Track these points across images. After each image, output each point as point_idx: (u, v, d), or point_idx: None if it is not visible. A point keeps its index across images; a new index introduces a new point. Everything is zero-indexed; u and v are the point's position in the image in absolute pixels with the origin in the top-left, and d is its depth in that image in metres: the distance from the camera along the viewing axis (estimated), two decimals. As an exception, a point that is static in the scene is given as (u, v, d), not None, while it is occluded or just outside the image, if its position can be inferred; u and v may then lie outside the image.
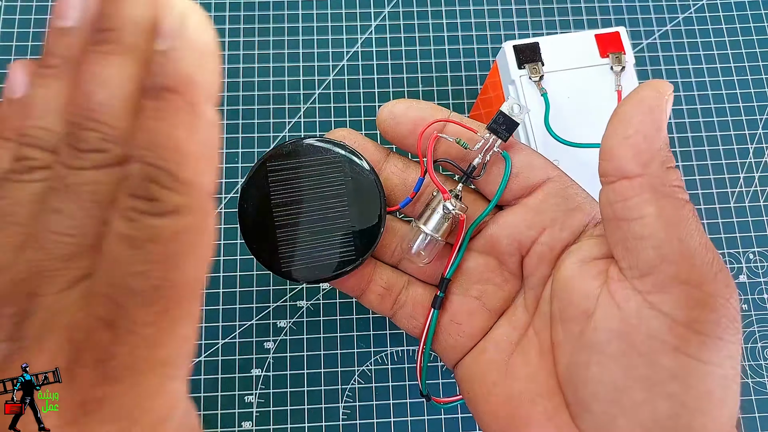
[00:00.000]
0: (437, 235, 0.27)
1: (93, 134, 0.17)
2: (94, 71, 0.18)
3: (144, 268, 0.17)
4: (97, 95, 0.17)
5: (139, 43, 0.18)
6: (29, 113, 0.19)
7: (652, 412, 0.22)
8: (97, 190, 0.17)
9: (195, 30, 0.17)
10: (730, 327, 0.21)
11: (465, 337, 0.28)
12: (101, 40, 0.18)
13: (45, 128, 0.18)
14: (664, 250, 0.22)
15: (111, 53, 0.18)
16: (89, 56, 0.18)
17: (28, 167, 0.18)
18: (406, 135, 0.28)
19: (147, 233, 0.17)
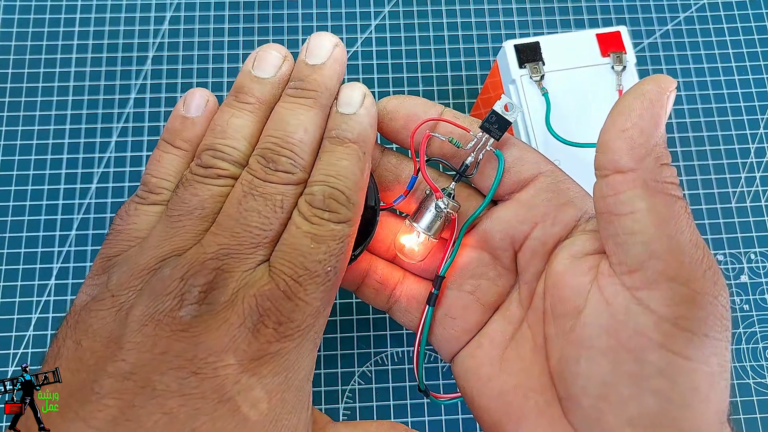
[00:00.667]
0: (430, 233, 0.27)
1: (286, 160, 0.24)
2: (292, 114, 0.25)
3: (324, 258, 0.23)
4: (295, 133, 0.25)
5: (328, 104, 0.26)
6: (221, 134, 0.25)
7: (639, 408, 0.22)
8: (283, 199, 0.24)
9: (370, 104, 0.26)
10: (717, 324, 0.21)
11: (460, 331, 0.28)
12: (301, 95, 0.26)
13: (235, 148, 0.25)
14: (652, 246, 0.22)
15: (308, 106, 0.25)
16: (288, 103, 0.26)
17: (216, 174, 0.24)
18: (398, 130, 0.28)
19: (328, 233, 0.23)
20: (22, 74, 0.47)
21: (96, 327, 0.22)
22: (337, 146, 0.25)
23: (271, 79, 0.26)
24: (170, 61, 0.47)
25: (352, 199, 0.24)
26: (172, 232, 0.24)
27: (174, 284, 0.22)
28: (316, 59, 0.26)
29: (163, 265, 0.23)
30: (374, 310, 0.43)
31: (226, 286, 0.22)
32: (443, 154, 0.28)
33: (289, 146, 0.24)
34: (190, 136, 0.26)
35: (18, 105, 0.46)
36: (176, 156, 0.26)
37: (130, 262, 0.23)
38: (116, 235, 0.25)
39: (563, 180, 0.27)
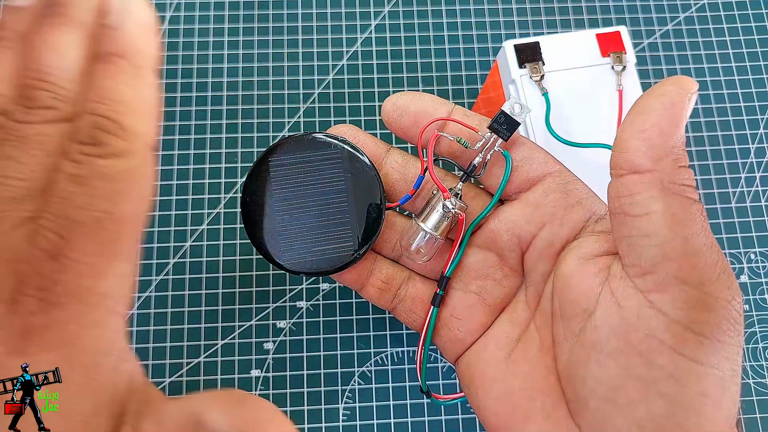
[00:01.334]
0: (436, 234, 0.27)
1: (44, 93, 0.20)
2: (44, 39, 0.21)
3: (88, 201, 0.19)
4: (48, 59, 0.20)
5: (86, 18, 0.21)
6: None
7: (648, 411, 0.22)
8: (46, 141, 0.20)
9: (138, 9, 0.22)
10: (730, 329, 0.21)
11: (465, 332, 0.28)
12: (52, 14, 0.21)
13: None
14: (667, 248, 0.21)
15: (61, 24, 0.21)
16: (40, 28, 0.21)
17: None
18: (408, 127, 0.28)
19: (93, 172, 0.19)
20: (21, 74, 0.47)
21: None
22: (99, 65, 0.21)
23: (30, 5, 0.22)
24: (170, 61, 0.47)
25: (125, 124, 0.20)
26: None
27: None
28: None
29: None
30: (374, 310, 0.43)
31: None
32: (450, 153, 0.28)
33: (45, 76, 0.20)
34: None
35: (18, 105, 0.46)
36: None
37: None
38: None
39: (571, 180, 0.27)
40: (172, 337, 0.41)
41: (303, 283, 0.43)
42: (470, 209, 0.28)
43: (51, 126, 0.20)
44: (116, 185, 0.20)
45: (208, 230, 0.43)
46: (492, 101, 0.41)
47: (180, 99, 0.46)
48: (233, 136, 0.45)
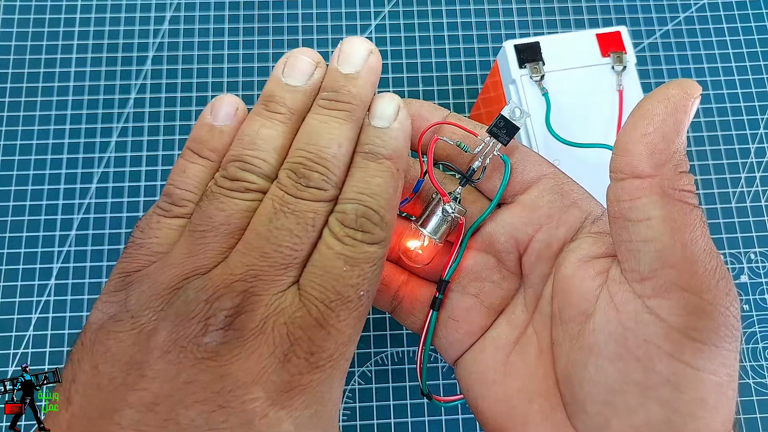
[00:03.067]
0: (436, 237, 0.27)
1: (319, 176, 0.23)
2: (325, 127, 0.23)
3: (357, 282, 0.22)
4: (330, 149, 0.23)
5: (362, 116, 0.25)
6: (249, 144, 0.24)
7: (645, 416, 0.22)
8: (316, 217, 0.22)
9: (405, 118, 0.25)
10: (727, 335, 0.21)
11: (463, 334, 0.28)
12: (334, 106, 0.24)
13: (264, 160, 0.23)
14: (666, 254, 0.21)
15: (342, 119, 0.24)
16: (320, 114, 0.24)
17: (245, 188, 0.23)
18: None
19: (363, 255, 0.22)
20: (22, 74, 0.47)
21: (114, 351, 0.21)
22: (370, 162, 0.23)
23: (303, 87, 0.24)
24: (170, 61, 0.47)
25: (386, 218, 0.23)
26: (195, 248, 0.22)
27: (199, 307, 0.21)
28: (350, 68, 0.24)
29: (186, 285, 0.21)
30: (374, 311, 0.43)
31: (254, 310, 0.21)
32: (447, 157, 0.28)
33: (322, 161, 0.23)
34: (217, 145, 0.25)
35: (18, 105, 0.46)
36: (202, 167, 0.25)
37: (150, 280, 0.22)
38: (136, 249, 0.23)
39: (566, 182, 0.27)
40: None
41: (303, 283, 0.43)
42: (469, 213, 0.28)
43: (319, 204, 0.23)
44: (376, 269, 0.23)
45: (208, 230, 0.43)
46: (492, 101, 0.41)
47: (180, 99, 0.47)
48: (233, 136, 0.45)
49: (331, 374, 0.21)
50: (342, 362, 0.22)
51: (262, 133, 0.24)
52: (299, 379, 0.21)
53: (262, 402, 0.20)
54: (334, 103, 0.24)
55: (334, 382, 0.22)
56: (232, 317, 0.20)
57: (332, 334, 0.21)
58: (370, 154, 0.24)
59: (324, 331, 0.21)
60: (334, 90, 0.24)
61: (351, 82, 0.24)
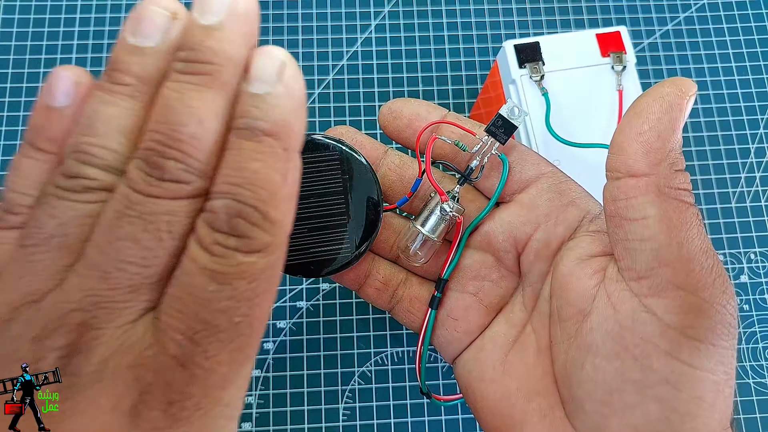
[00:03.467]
0: (434, 236, 0.27)
1: (175, 164, 0.17)
2: (181, 98, 0.17)
3: (229, 305, 0.16)
4: (188, 126, 0.17)
5: (232, 81, 0.18)
6: (87, 129, 0.18)
7: (643, 415, 0.22)
8: (174, 221, 0.17)
9: (292, 79, 0.18)
10: (724, 333, 0.21)
11: (462, 333, 0.28)
12: (193, 70, 0.18)
13: (107, 148, 0.18)
14: (662, 253, 0.21)
15: (205, 86, 0.18)
16: (175, 82, 0.18)
17: (84, 186, 0.17)
18: (402, 128, 0.28)
19: (236, 269, 0.17)
20: (22, 74, 0.47)
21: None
22: (245, 141, 0.17)
23: (157, 47, 0.18)
24: (170, 61, 0.47)
25: (270, 215, 0.17)
26: (25, 268, 0.17)
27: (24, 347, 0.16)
28: (212, 16, 0.18)
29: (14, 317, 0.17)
30: (374, 310, 0.43)
31: (91, 349, 0.16)
32: (445, 156, 0.28)
33: (178, 144, 0.17)
34: (55, 133, 0.19)
35: (18, 105, 0.46)
36: (39, 161, 0.19)
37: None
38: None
39: (564, 181, 0.27)
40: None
41: (303, 284, 0.43)
42: (467, 212, 0.28)
43: (179, 203, 0.17)
44: (258, 286, 0.17)
45: (208, 230, 0.43)
46: (492, 101, 0.41)
47: (180, 99, 0.46)
48: (233, 136, 0.45)
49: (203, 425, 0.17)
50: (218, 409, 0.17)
51: (103, 112, 0.18)
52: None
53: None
54: (191, 65, 0.18)
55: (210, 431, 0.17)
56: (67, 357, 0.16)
57: (198, 376, 0.16)
58: (245, 131, 0.18)
59: (187, 373, 0.16)
60: (191, 48, 0.18)
61: (212, 35, 0.18)
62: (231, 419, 0.18)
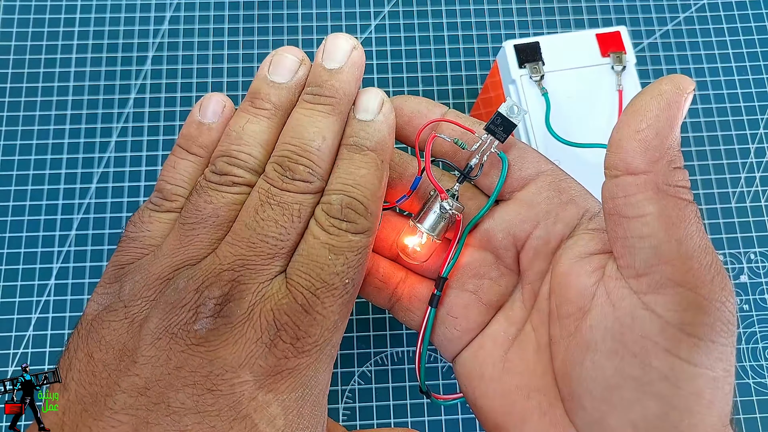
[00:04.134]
0: (433, 234, 0.27)
1: (304, 168, 0.24)
2: (310, 121, 0.24)
3: (342, 270, 0.23)
4: (315, 141, 0.24)
5: (346, 110, 0.25)
6: (236, 140, 0.25)
7: (642, 411, 0.22)
8: (302, 209, 0.23)
9: (388, 111, 0.26)
10: (724, 330, 0.21)
11: (462, 331, 0.28)
12: (318, 101, 0.25)
13: (251, 154, 0.24)
14: (661, 250, 0.21)
15: (326, 112, 0.25)
16: (305, 108, 0.25)
17: (231, 181, 0.24)
18: (402, 126, 0.28)
19: (347, 245, 0.23)
20: (22, 74, 0.47)
21: (108, 339, 0.22)
22: (355, 154, 0.24)
23: (288, 84, 0.26)
24: (170, 61, 0.47)
25: (371, 208, 0.24)
26: (186, 240, 0.23)
27: (189, 296, 0.22)
28: (334, 63, 0.26)
29: (177, 275, 0.22)
30: (374, 310, 0.43)
31: (242, 298, 0.22)
32: (445, 154, 0.28)
33: (306, 154, 0.24)
34: (205, 142, 0.26)
35: (18, 105, 0.46)
36: (191, 162, 0.26)
37: (143, 272, 0.23)
38: (129, 242, 0.25)
39: (564, 179, 0.27)
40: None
41: (303, 283, 0.43)
42: (467, 210, 0.28)
43: (305, 196, 0.24)
44: (361, 258, 0.23)
45: (208, 230, 0.44)
46: (492, 101, 0.41)
47: (180, 99, 0.47)
48: (233, 136, 0.45)
49: (317, 359, 0.22)
50: (328, 348, 0.23)
51: (248, 128, 0.25)
52: (285, 363, 0.21)
53: (250, 385, 0.21)
54: (317, 98, 0.25)
55: (321, 366, 0.22)
56: (221, 305, 0.21)
57: (318, 320, 0.22)
58: (354, 146, 0.25)
59: (309, 317, 0.22)
60: (318, 85, 0.25)
61: (334, 76, 0.25)
62: (333, 358, 0.23)
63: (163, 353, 0.21)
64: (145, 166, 0.45)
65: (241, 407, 0.21)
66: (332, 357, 0.23)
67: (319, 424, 0.23)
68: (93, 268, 0.43)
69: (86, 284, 0.42)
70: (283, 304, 0.22)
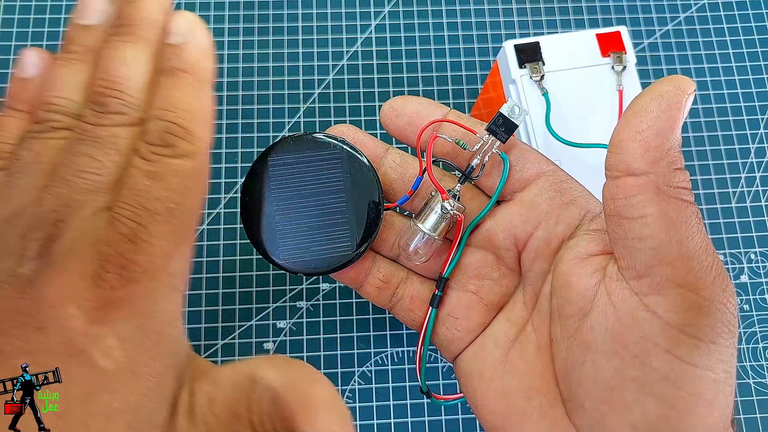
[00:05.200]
0: (435, 235, 0.27)
1: (114, 100, 0.23)
2: (114, 53, 0.23)
3: (164, 194, 0.22)
4: (118, 70, 0.23)
5: (152, 37, 0.24)
6: (51, 87, 0.24)
7: (643, 412, 0.22)
8: (117, 141, 0.22)
9: (199, 31, 0.25)
10: (725, 331, 0.21)
11: (463, 332, 0.28)
12: (121, 32, 0.24)
13: (66, 98, 0.23)
14: (662, 251, 0.21)
15: (129, 41, 0.24)
16: (110, 43, 0.24)
17: (50, 127, 0.23)
18: (404, 126, 0.28)
19: (165, 169, 0.22)
20: (21, 74, 0.47)
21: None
22: (168, 78, 0.23)
23: (99, 25, 0.25)
24: (170, 61, 0.47)
25: (192, 130, 0.23)
26: (8, 190, 0.23)
27: (13, 242, 0.21)
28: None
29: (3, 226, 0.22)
30: (374, 310, 0.43)
31: (63, 234, 0.21)
32: (446, 154, 0.28)
33: (115, 86, 0.23)
34: (28, 96, 0.25)
35: (18, 105, 0.46)
36: (17, 118, 0.25)
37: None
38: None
39: (565, 179, 0.27)
40: (172, 337, 0.41)
41: (303, 283, 0.43)
42: (468, 210, 0.28)
43: (121, 129, 0.23)
44: (185, 181, 0.22)
45: (208, 230, 0.44)
46: (492, 101, 0.41)
47: (180, 99, 0.46)
48: (233, 136, 0.45)
49: (152, 287, 0.21)
50: (161, 275, 0.22)
51: (62, 73, 0.24)
52: (114, 293, 0.21)
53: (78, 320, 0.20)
54: (120, 29, 0.24)
55: (158, 295, 0.22)
56: (45, 246, 0.21)
57: (143, 248, 0.21)
58: (167, 71, 0.24)
59: (134, 246, 0.21)
60: (120, 18, 0.25)
61: (134, 5, 0.24)
62: (175, 289, 0.22)
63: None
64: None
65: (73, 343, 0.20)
66: (174, 287, 0.22)
67: (168, 354, 0.22)
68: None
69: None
70: (104, 236, 0.21)
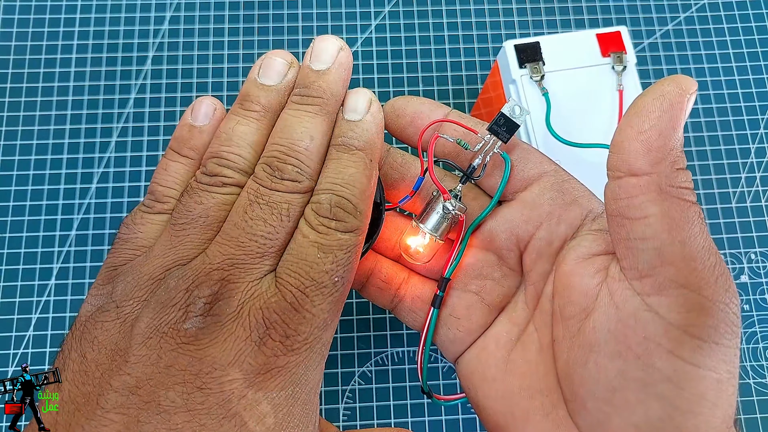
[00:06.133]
0: (436, 235, 0.27)
1: (292, 168, 0.24)
2: (299, 122, 0.25)
3: (331, 267, 0.23)
4: (303, 141, 0.24)
5: (334, 110, 0.26)
6: (225, 141, 0.25)
7: (645, 413, 0.22)
8: (290, 208, 0.23)
9: (376, 111, 0.26)
10: (727, 332, 0.21)
11: (464, 332, 0.28)
12: (306, 102, 0.25)
13: (240, 155, 0.25)
14: (664, 251, 0.21)
15: (313, 112, 0.25)
16: (293, 110, 0.25)
17: (221, 182, 0.24)
18: (405, 127, 0.28)
19: (335, 243, 0.23)
20: (22, 74, 0.47)
21: (101, 339, 0.22)
22: (343, 154, 0.25)
23: (277, 86, 0.26)
24: (170, 61, 0.47)
25: (359, 207, 0.24)
26: (176, 241, 0.23)
27: (179, 295, 0.22)
28: (321, 64, 0.26)
29: (168, 275, 0.23)
30: (374, 310, 0.43)
31: (231, 297, 0.22)
32: (447, 154, 0.28)
33: (294, 154, 0.24)
34: (197, 144, 0.26)
35: (18, 105, 0.46)
36: (183, 165, 0.26)
37: (135, 272, 0.23)
38: (122, 244, 0.25)
39: (567, 179, 0.27)
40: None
41: (303, 283, 0.43)
42: (470, 210, 0.28)
43: (294, 196, 0.24)
44: (350, 256, 0.24)
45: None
46: (492, 101, 0.41)
47: (180, 99, 0.46)
48: (233, 136, 0.45)
49: (307, 357, 0.22)
50: (317, 346, 0.23)
51: (237, 130, 0.25)
52: (275, 361, 0.22)
53: (239, 383, 0.21)
54: (305, 98, 0.25)
55: (311, 364, 0.23)
56: (211, 304, 0.22)
57: (307, 318, 0.22)
58: (343, 146, 0.25)
59: (299, 315, 0.22)
60: (305, 86, 0.25)
61: (321, 77, 0.25)
62: (324, 357, 0.24)
63: (154, 352, 0.21)
64: (145, 166, 0.45)
65: (230, 405, 0.21)
66: (323, 355, 0.23)
67: (311, 422, 0.23)
68: (93, 269, 0.43)
69: (86, 284, 0.42)
70: (272, 303, 0.22)
